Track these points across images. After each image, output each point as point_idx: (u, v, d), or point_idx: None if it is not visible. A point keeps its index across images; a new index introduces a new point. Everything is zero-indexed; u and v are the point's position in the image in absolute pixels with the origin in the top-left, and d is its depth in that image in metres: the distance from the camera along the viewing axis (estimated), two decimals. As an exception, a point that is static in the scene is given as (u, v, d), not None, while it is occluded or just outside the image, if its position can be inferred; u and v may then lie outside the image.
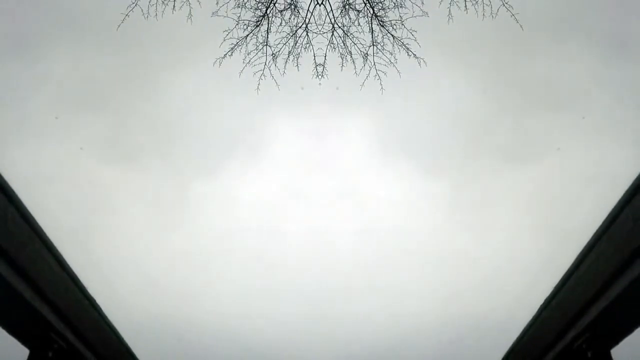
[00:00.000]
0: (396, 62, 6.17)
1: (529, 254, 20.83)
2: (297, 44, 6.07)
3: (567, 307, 8.98)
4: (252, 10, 5.87)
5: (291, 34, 6.01)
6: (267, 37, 6.00)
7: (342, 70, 6.33)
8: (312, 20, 6.00)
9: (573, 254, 8.46)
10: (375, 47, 6.13)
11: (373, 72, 6.24)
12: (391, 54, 6.13)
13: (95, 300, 9.86)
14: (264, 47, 6.03)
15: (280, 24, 5.98)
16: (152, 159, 21.20)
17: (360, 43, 6.17)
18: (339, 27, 6.12)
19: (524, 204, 21.56)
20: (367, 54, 6.16)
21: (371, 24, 6.07)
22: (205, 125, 20.92)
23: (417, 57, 6.10)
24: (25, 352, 9.31)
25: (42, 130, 18.03)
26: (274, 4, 5.90)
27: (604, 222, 7.42)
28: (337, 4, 6.11)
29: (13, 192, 6.84)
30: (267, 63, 6.07)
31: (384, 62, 6.17)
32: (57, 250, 8.19)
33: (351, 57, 6.19)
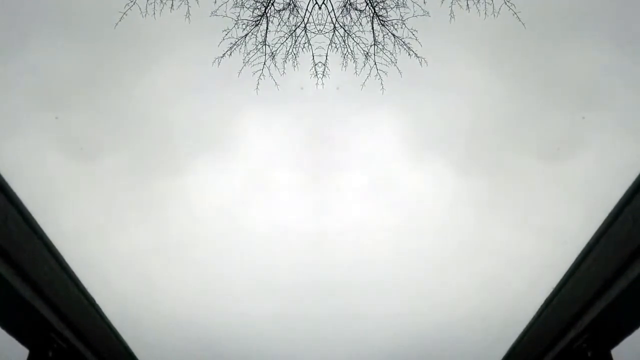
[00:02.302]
0: (397, 62, 6.17)
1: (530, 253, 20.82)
2: (296, 44, 6.08)
3: (567, 307, 8.98)
4: (250, 9, 5.88)
5: (289, 34, 6.02)
6: (266, 36, 6.01)
7: (345, 70, 6.33)
8: (311, 20, 6.01)
9: (573, 254, 8.46)
10: (376, 47, 6.14)
11: (374, 71, 6.24)
12: (392, 53, 6.14)
13: (95, 301, 9.87)
14: (263, 47, 6.04)
15: (279, 24, 5.99)
16: (128, 157, 21.11)
17: (363, 42, 6.18)
18: (341, 27, 6.12)
19: (532, 204, 21.51)
20: (368, 53, 6.16)
21: (372, 23, 6.08)
22: (183, 124, 20.89)
23: (418, 57, 6.11)
24: (25, 352, 9.31)
25: (30, 128, 18.03)
26: (273, 4, 5.90)
27: (604, 222, 7.42)
28: (337, 4, 6.12)
29: (13, 192, 6.85)
30: (265, 62, 6.08)
31: (385, 62, 6.18)
32: (57, 250, 8.19)
33: (353, 56, 6.20)
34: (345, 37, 6.11)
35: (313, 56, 6.05)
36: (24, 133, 17.99)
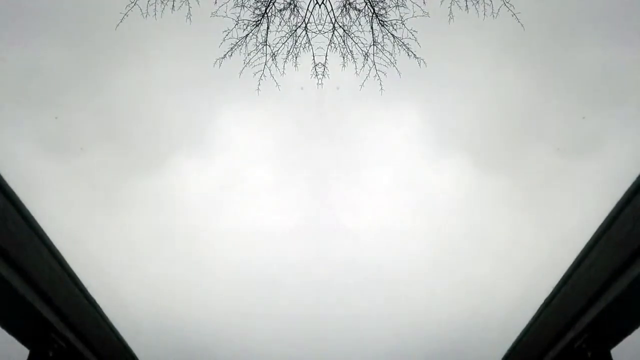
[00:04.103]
0: (396, 63, 6.18)
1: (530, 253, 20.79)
2: (297, 44, 6.08)
3: (567, 307, 8.98)
4: (251, 9, 5.87)
5: (290, 33, 6.01)
6: (267, 36, 6.01)
7: (345, 69, 6.34)
8: (311, 19, 6.01)
9: (573, 253, 8.46)
10: (375, 47, 6.14)
11: (373, 72, 6.25)
12: (391, 54, 6.14)
13: (95, 300, 9.87)
14: (264, 47, 6.04)
15: (280, 24, 5.99)
16: (107, 155, 20.94)
17: (362, 42, 6.18)
18: (340, 27, 6.12)
19: (525, 204, 21.46)
20: (367, 53, 6.16)
21: (372, 23, 6.08)
22: (172, 122, 20.77)
23: (417, 58, 6.11)
24: (25, 352, 9.31)
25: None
26: (273, 4, 5.90)
27: (604, 222, 7.42)
28: (337, 4, 6.12)
29: (12, 191, 6.85)
30: (267, 63, 6.08)
31: (384, 63, 6.18)
32: (57, 250, 8.19)
33: (352, 56, 6.20)
34: (345, 37, 6.11)
35: (314, 56, 6.06)
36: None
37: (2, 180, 6.62)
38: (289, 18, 5.94)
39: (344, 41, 6.11)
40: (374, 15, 5.98)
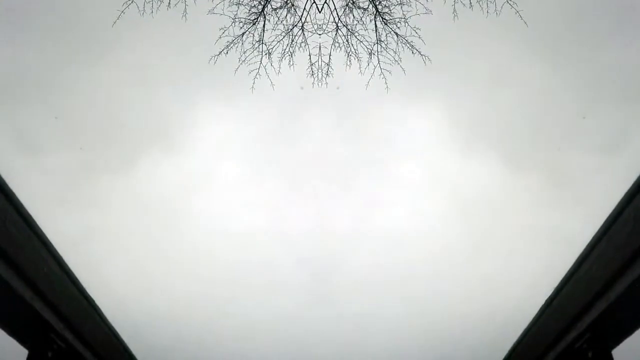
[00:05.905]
0: (401, 61, 6.17)
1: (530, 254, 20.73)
2: (293, 43, 6.06)
3: (568, 307, 8.96)
4: (247, 7, 5.86)
5: (286, 33, 6.00)
6: (263, 35, 5.99)
7: (348, 68, 6.32)
8: (309, 19, 6.00)
9: (574, 254, 8.44)
10: (379, 45, 6.13)
11: (378, 70, 6.23)
12: (395, 52, 6.13)
13: (94, 301, 9.87)
14: (260, 46, 6.03)
15: (276, 23, 5.97)
16: (76, 153, 20.72)
17: (366, 40, 6.17)
18: (343, 26, 6.11)
19: (527, 206, 21.36)
20: (371, 52, 6.15)
21: (375, 21, 6.07)
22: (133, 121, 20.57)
23: (421, 55, 6.10)
24: (24, 352, 9.31)
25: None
26: (269, 2, 5.88)
27: (604, 222, 7.40)
28: (340, 3, 6.10)
29: (12, 192, 6.84)
30: (262, 61, 6.07)
31: (389, 61, 6.17)
32: (56, 251, 8.19)
33: (357, 55, 6.18)
34: (349, 36, 6.09)
35: (310, 56, 6.04)
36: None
37: (2, 180, 6.61)
38: (286, 17, 5.93)
39: (347, 40, 6.09)
40: (377, 13, 5.97)
